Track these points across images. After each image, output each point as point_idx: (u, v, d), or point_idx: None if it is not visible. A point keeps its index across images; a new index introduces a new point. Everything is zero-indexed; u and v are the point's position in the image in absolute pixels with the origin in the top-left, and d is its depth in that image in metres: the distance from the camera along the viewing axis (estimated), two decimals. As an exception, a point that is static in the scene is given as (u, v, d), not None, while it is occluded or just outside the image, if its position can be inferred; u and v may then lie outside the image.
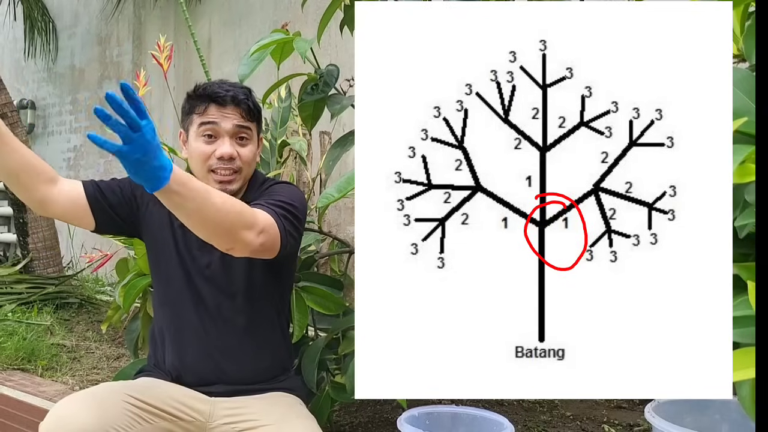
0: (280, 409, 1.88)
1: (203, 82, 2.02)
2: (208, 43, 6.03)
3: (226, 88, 1.93)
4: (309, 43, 2.32)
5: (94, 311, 5.25)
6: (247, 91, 1.97)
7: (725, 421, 1.80)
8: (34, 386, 3.37)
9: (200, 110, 1.92)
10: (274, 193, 1.89)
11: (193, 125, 1.94)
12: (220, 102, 1.91)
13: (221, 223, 1.63)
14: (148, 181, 1.49)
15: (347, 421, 2.75)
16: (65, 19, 7.85)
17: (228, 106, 1.91)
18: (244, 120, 1.93)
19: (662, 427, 1.57)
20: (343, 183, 1.89)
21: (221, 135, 1.91)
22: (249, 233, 1.68)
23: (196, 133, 1.93)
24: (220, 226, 1.64)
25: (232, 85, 1.97)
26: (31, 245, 5.56)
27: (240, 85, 2.00)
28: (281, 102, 2.86)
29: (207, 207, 1.60)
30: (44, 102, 8.19)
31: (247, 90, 1.98)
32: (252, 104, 1.96)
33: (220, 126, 1.90)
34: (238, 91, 1.94)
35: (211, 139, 1.91)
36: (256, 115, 1.97)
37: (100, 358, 4.02)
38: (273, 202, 1.82)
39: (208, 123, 1.91)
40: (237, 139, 1.92)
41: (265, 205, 1.79)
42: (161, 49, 3.01)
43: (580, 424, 2.71)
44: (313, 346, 2.35)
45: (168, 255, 1.97)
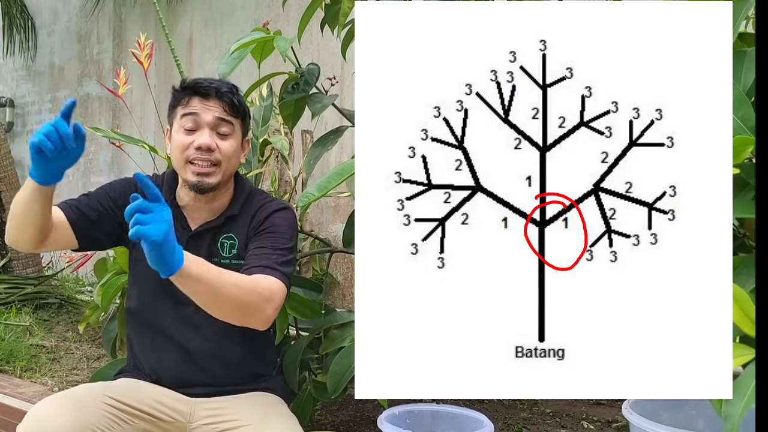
0: (261, 409, 1.87)
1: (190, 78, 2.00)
2: (189, 42, 5.99)
3: (210, 81, 1.92)
4: (289, 41, 2.31)
5: (74, 311, 5.19)
6: (233, 87, 1.96)
7: (701, 416, 1.81)
8: (13, 387, 3.32)
9: (184, 102, 1.91)
10: (276, 236, 1.90)
11: (176, 117, 1.93)
12: (203, 94, 1.90)
13: (235, 302, 1.69)
14: (164, 265, 1.53)
15: (329, 420, 2.74)
16: (44, 16, 7.76)
17: (211, 99, 1.90)
18: (226, 114, 1.91)
19: (639, 424, 1.58)
20: (324, 182, 1.88)
21: (201, 126, 1.89)
22: (265, 310, 1.74)
23: (179, 125, 1.91)
24: (234, 306, 1.69)
25: (219, 80, 1.96)
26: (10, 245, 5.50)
27: (227, 81, 1.99)
28: (263, 101, 2.84)
29: (222, 289, 1.65)
30: (23, 100, 8.10)
31: (234, 87, 1.97)
32: (237, 101, 1.94)
33: (200, 117, 1.88)
34: (222, 85, 1.93)
35: (192, 131, 1.89)
36: (240, 112, 1.95)
37: (80, 358, 3.97)
38: (280, 259, 1.84)
39: (190, 114, 1.89)
40: (218, 132, 1.90)
41: (274, 268, 1.80)
42: (141, 48, 2.99)
43: (560, 421, 2.72)
44: (295, 346, 2.34)
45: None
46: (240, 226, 1.95)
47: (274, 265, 1.81)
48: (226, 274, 1.67)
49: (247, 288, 1.70)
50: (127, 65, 5.60)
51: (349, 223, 2.48)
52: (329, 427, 2.65)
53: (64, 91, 7.51)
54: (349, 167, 1.84)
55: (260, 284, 1.73)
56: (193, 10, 6.03)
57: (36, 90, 7.93)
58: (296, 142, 3.46)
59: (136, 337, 1.99)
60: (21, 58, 7.81)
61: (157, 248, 1.49)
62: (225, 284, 1.65)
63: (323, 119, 3.37)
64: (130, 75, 3.46)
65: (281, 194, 2.99)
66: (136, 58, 2.98)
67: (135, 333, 2.00)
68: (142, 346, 1.97)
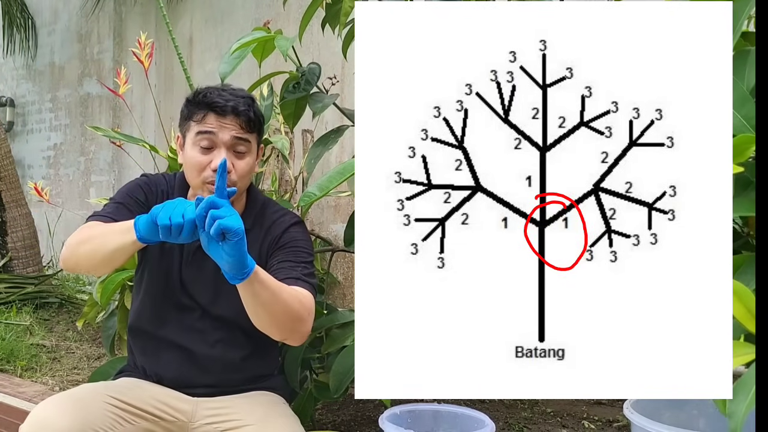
0: (262, 409, 1.87)
1: (204, 87, 1.93)
2: (189, 41, 5.99)
3: (227, 98, 1.86)
4: (290, 41, 2.30)
5: (75, 311, 5.19)
6: (249, 101, 1.90)
7: (703, 416, 1.81)
8: (13, 387, 3.32)
9: (198, 118, 1.86)
10: (298, 250, 1.91)
11: (191, 132, 1.88)
12: (219, 112, 1.85)
13: (287, 312, 1.68)
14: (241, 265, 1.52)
15: (329, 420, 2.75)
16: (45, 15, 7.77)
17: (227, 117, 1.85)
18: (243, 131, 1.87)
19: (640, 423, 1.58)
20: (325, 182, 1.88)
21: (218, 146, 1.84)
22: (307, 323, 1.76)
23: (193, 141, 1.86)
24: (286, 316, 1.69)
25: (233, 94, 1.89)
26: (10, 244, 5.50)
27: (243, 93, 1.93)
28: (263, 100, 2.84)
29: (279, 296, 1.65)
30: (24, 99, 8.11)
31: (250, 99, 1.91)
32: (253, 114, 1.89)
33: (217, 137, 1.84)
34: (239, 101, 1.87)
35: (208, 149, 1.85)
36: (256, 125, 1.91)
37: (81, 358, 3.98)
38: (305, 271, 1.85)
39: (206, 132, 1.84)
40: (234, 151, 1.86)
41: (303, 280, 1.81)
42: (142, 47, 2.99)
43: (561, 421, 2.72)
44: (296, 346, 2.34)
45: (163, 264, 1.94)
46: (252, 240, 1.91)
47: (302, 277, 1.81)
48: (280, 285, 1.68)
49: (295, 297, 1.71)
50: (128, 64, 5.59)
51: (349, 222, 2.49)
52: (330, 427, 2.65)
53: (64, 91, 7.51)
54: (350, 166, 1.84)
55: (303, 297, 1.74)
56: (193, 9, 6.03)
57: (36, 89, 7.93)
58: (297, 142, 3.47)
59: (137, 348, 1.98)
60: (21, 58, 7.82)
61: (240, 242, 1.47)
62: (282, 291, 1.66)
63: (324, 119, 3.37)
64: (131, 74, 3.45)
65: (282, 194, 2.99)
66: (137, 57, 2.98)
67: (136, 343, 1.99)
68: (144, 354, 1.96)
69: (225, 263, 1.51)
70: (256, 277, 1.57)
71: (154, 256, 1.94)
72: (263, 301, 1.63)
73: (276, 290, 1.64)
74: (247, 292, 1.61)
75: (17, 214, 5.49)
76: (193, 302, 1.91)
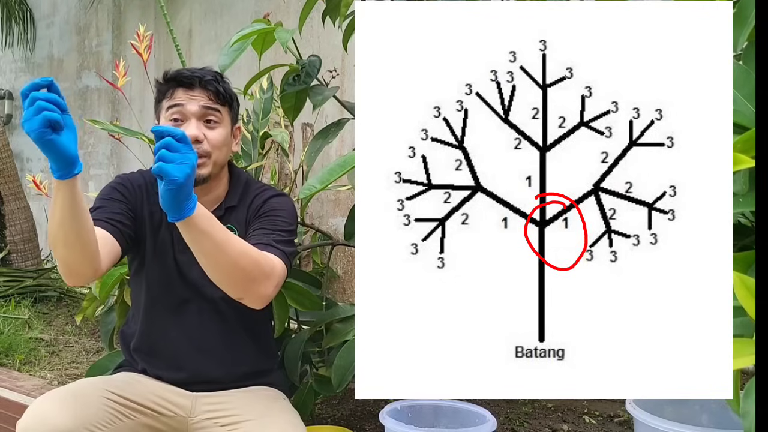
0: (262, 404, 1.87)
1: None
2: (189, 34, 5.98)
3: (193, 71, 1.90)
4: (290, 33, 2.30)
5: (73, 305, 5.20)
6: (217, 74, 1.93)
7: (705, 411, 1.82)
8: (12, 381, 3.32)
9: (168, 95, 1.89)
10: (276, 219, 1.88)
11: (162, 111, 1.90)
12: (187, 84, 1.87)
13: (237, 269, 1.64)
14: (176, 208, 1.49)
15: (329, 414, 2.75)
16: (43, 8, 7.75)
17: (195, 89, 1.87)
18: (212, 102, 1.89)
19: (643, 419, 1.59)
20: (326, 174, 1.88)
21: (188, 117, 1.86)
22: (265, 285, 1.70)
23: (164, 117, 1.88)
24: (235, 272, 1.64)
25: (201, 69, 1.93)
26: (9, 238, 5.50)
27: (211, 69, 1.96)
28: (263, 93, 2.84)
29: (225, 249, 1.60)
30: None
31: (217, 74, 1.94)
32: (222, 88, 1.91)
33: (186, 108, 1.86)
34: (206, 73, 1.90)
35: (178, 122, 1.86)
36: (227, 99, 1.93)
37: (80, 352, 3.98)
38: (279, 238, 1.82)
39: (174, 105, 1.86)
40: (204, 121, 1.88)
41: (274, 245, 1.78)
42: (141, 39, 2.98)
43: (561, 415, 2.73)
44: (296, 340, 2.34)
45: (157, 256, 1.93)
46: (239, 216, 1.94)
47: (273, 243, 1.79)
48: (234, 239, 1.64)
49: (252, 257, 1.66)
50: (127, 57, 5.58)
51: (350, 216, 2.49)
52: (330, 422, 2.66)
53: (63, 84, 7.48)
54: (350, 159, 1.84)
55: (265, 258, 1.71)
56: (192, 1, 6.01)
57: (35, 82, 7.90)
58: (296, 135, 3.46)
59: (139, 360, 1.98)
60: (20, 50, 7.79)
61: (175, 190, 1.45)
62: (230, 247, 1.61)
63: (324, 111, 3.36)
64: (130, 67, 3.45)
65: (281, 187, 2.99)
66: (136, 49, 2.97)
67: (138, 357, 1.99)
68: (145, 362, 1.96)
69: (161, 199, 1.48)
70: (196, 223, 1.54)
71: (148, 251, 1.94)
72: (205, 250, 1.60)
73: (221, 243, 1.59)
74: (187, 236, 1.58)
75: (16, 207, 5.49)
76: (190, 291, 1.91)
